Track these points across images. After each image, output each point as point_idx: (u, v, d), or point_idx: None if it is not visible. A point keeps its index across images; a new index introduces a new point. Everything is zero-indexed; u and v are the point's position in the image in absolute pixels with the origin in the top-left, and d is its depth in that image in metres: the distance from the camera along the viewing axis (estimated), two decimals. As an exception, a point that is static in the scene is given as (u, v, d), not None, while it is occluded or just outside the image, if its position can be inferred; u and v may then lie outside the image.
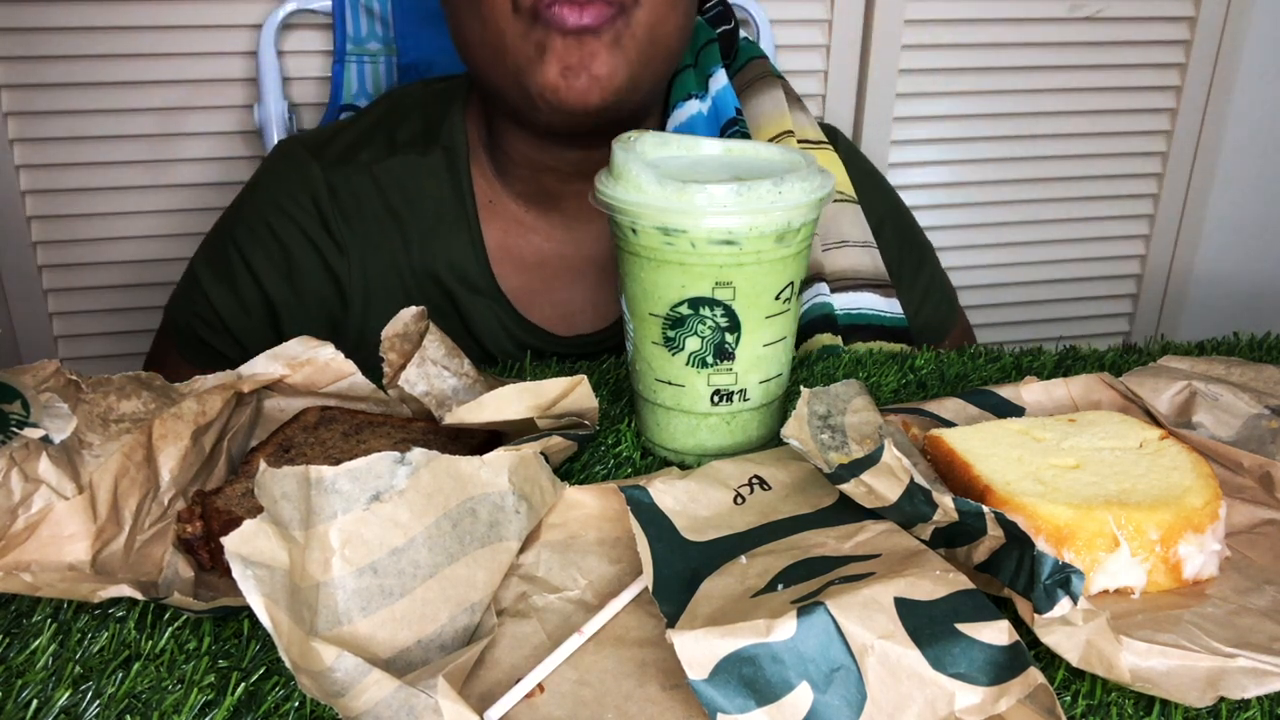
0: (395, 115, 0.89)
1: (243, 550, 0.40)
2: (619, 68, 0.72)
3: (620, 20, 0.72)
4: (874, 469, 0.49)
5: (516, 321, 0.87)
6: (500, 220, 0.87)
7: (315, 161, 0.86)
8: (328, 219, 0.85)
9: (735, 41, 0.97)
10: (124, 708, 0.43)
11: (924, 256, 1.00)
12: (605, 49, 0.71)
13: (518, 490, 0.49)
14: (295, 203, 0.86)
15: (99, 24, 1.20)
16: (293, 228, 0.86)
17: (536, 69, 0.72)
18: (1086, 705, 0.44)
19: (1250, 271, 1.66)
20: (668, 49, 0.77)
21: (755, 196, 0.55)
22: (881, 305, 0.91)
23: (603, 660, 0.45)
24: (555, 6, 0.70)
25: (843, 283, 0.90)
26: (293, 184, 0.86)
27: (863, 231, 0.92)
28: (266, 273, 0.86)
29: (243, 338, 0.86)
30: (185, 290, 0.89)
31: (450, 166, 0.86)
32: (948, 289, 1.02)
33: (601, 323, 0.89)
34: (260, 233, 0.86)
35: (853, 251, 0.91)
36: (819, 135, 0.94)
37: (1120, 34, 1.46)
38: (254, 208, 0.88)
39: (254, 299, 0.86)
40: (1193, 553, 0.48)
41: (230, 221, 0.89)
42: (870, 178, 0.98)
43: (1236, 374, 0.64)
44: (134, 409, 0.57)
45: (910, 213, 1.02)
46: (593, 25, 0.70)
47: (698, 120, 0.89)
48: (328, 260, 0.86)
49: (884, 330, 0.90)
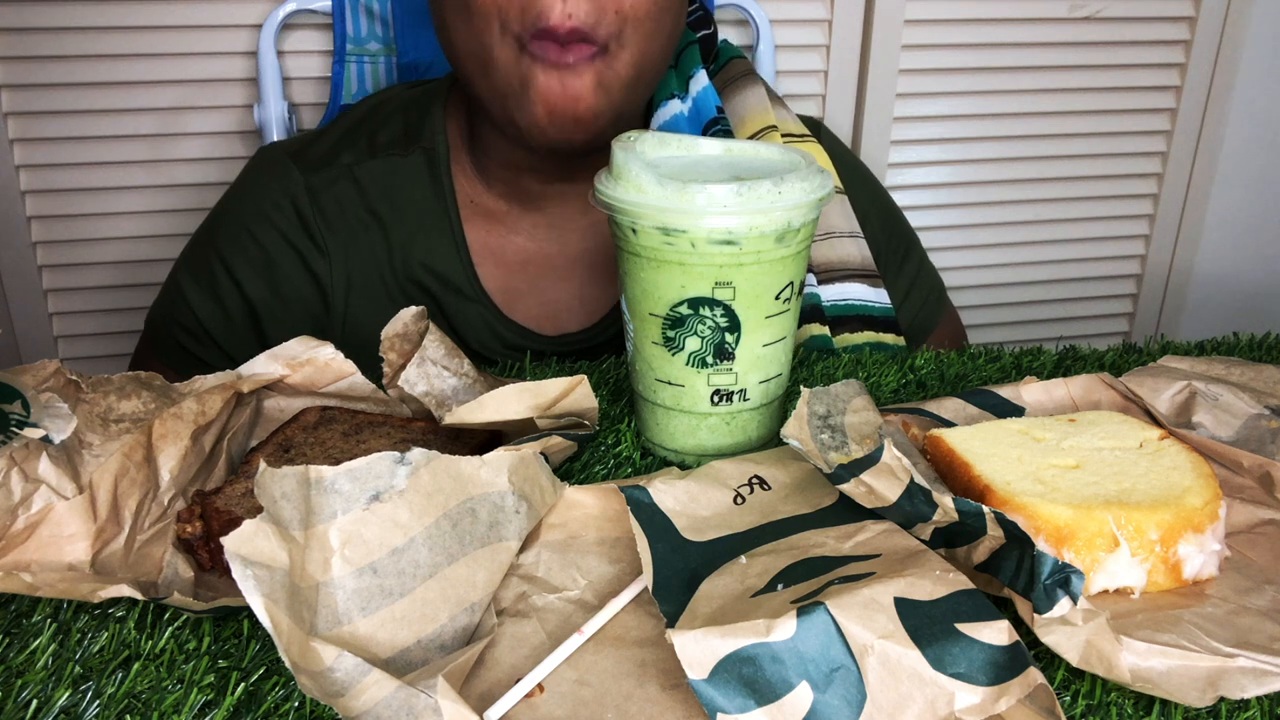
0: (375, 118, 0.90)
1: (242, 550, 0.41)
2: (603, 109, 0.74)
3: (601, 61, 0.72)
4: (874, 469, 0.49)
5: (501, 321, 0.87)
6: (482, 220, 0.87)
7: (295, 166, 0.87)
8: (308, 222, 0.86)
9: (715, 45, 0.99)
10: (124, 708, 0.43)
11: (910, 249, 1.00)
12: (589, 92, 0.72)
13: (518, 490, 0.49)
14: (276, 207, 0.86)
15: (99, 24, 1.20)
16: (273, 232, 0.86)
17: (523, 105, 0.73)
18: (1086, 705, 0.44)
19: (1250, 271, 1.66)
20: (652, 77, 0.78)
21: (755, 196, 0.55)
22: (869, 295, 0.91)
23: (603, 660, 0.45)
24: (539, 42, 0.70)
25: (831, 273, 0.91)
26: (273, 189, 0.87)
27: (849, 222, 0.93)
28: (248, 278, 0.86)
29: (226, 344, 0.86)
30: (167, 298, 0.90)
31: (431, 167, 0.86)
32: (934, 281, 1.02)
33: (587, 321, 0.89)
34: (241, 238, 0.86)
35: (840, 242, 0.92)
36: (801, 129, 0.95)
37: (1120, 34, 1.46)
38: (235, 214, 0.88)
39: (236, 305, 0.86)
40: (1193, 553, 0.48)
41: (211, 228, 0.89)
42: (855, 170, 0.99)
43: (1236, 374, 0.64)
44: (134, 409, 0.57)
45: (896, 205, 1.02)
46: (575, 64, 0.71)
47: (679, 120, 0.89)
48: (309, 263, 0.86)
49: (872, 320, 0.91)
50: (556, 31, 0.70)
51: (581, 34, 0.70)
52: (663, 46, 0.77)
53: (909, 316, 0.98)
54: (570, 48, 0.71)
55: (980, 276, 1.57)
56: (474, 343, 0.87)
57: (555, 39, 0.70)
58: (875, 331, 0.90)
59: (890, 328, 0.91)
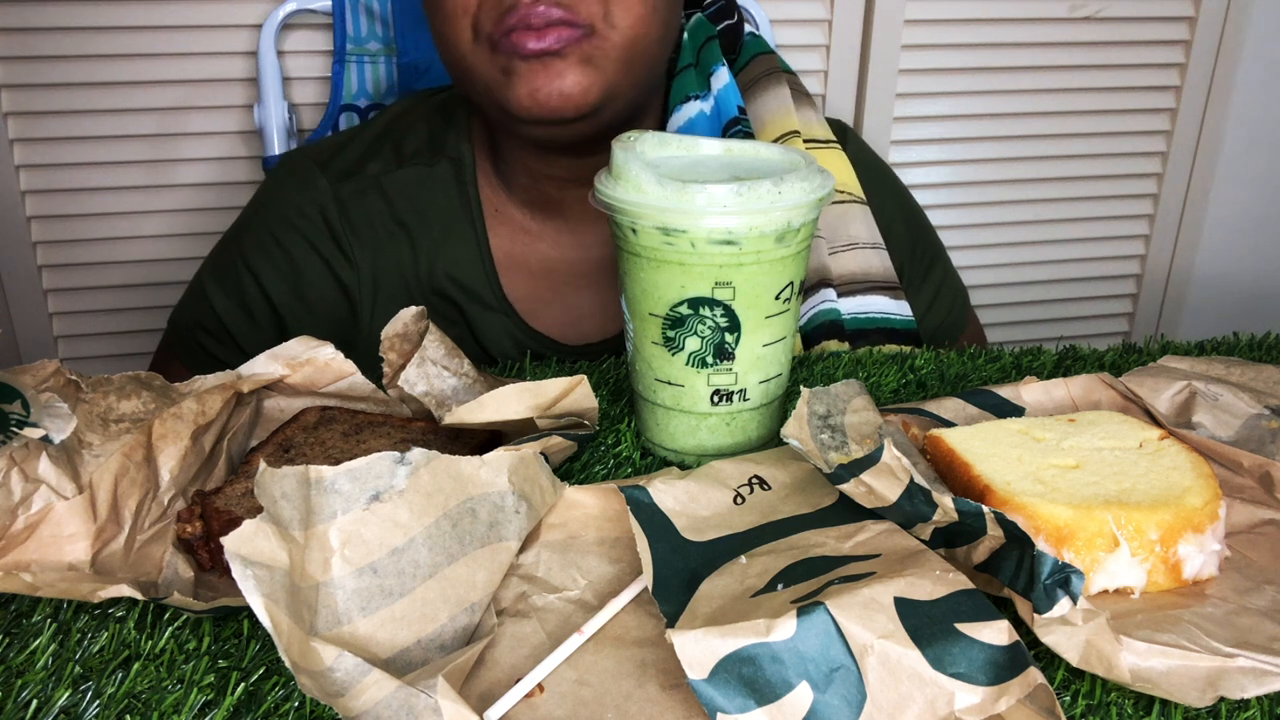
0: (400, 127, 0.89)
1: (242, 550, 0.41)
2: (592, 84, 0.72)
3: (589, 41, 0.71)
4: (874, 469, 0.49)
5: (523, 330, 0.87)
6: (507, 229, 0.87)
7: (322, 175, 0.86)
8: (336, 232, 0.86)
9: (739, 37, 0.95)
10: (124, 708, 0.43)
11: (935, 257, 0.98)
12: (574, 67, 0.71)
13: (518, 490, 0.49)
14: (303, 216, 0.86)
15: (99, 24, 1.20)
16: (301, 242, 0.86)
17: (507, 91, 0.72)
18: (1086, 705, 0.44)
19: (1250, 271, 1.66)
20: (649, 57, 0.76)
21: (755, 196, 0.55)
22: (891, 308, 0.89)
23: (602, 660, 0.45)
24: (513, 35, 0.70)
25: (852, 286, 0.89)
26: (300, 198, 0.86)
27: (871, 233, 0.90)
28: (274, 283, 0.86)
29: (248, 347, 0.86)
30: (191, 302, 0.89)
31: (457, 177, 0.86)
32: (959, 290, 1.00)
33: (611, 330, 0.88)
34: (268, 247, 0.86)
35: (862, 254, 0.90)
36: (828, 134, 0.93)
37: (1120, 34, 1.46)
38: (262, 222, 0.88)
39: (263, 313, 0.86)
40: (1192, 553, 0.48)
41: (237, 236, 0.89)
42: (882, 177, 0.97)
43: (1236, 374, 0.64)
44: (134, 409, 0.57)
45: (923, 212, 1.00)
46: (554, 48, 0.70)
47: (699, 121, 0.88)
48: (337, 273, 0.86)
49: (894, 333, 0.89)
50: (528, 18, 0.69)
51: (558, 15, 0.69)
52: (664, 20, 0.75)
53: (934, 324, 0.96)
54: (547, 32, 0.69)
55: (980, 276, 1.57)
56: (496, 352, 0.87)
57: (530, 26, 0.69)
58: (897, 345, 0.87)
59: (912, 340, 0.89)
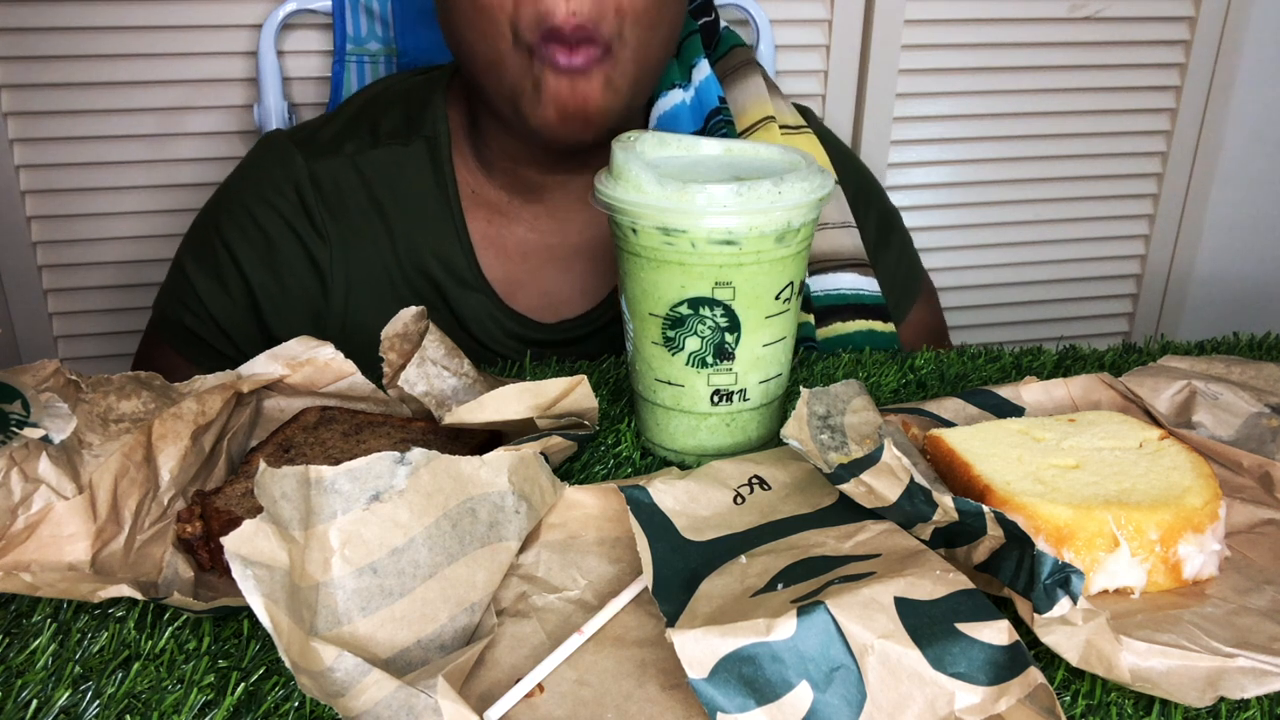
0: (376, 106, 0.90)
1: (242, 550, 0.41)
2: (613, 107, 0.76)
3: (608, 61, 0.74)
4: (874, 469, 0.49)
5: (501, 310, 0.88)
6: (484, 210, 0.88)
7: (299, 153, 0.87)
8: (311, 210, 0.86)
9: (716, 32, 0.99)
10: (124, 708, 0.43)
11: (893, 222, 1.02)
12: (598, 92, 0.74)
13: (518, 490, 0.49)
14: (279, 193, 0.86)
15: (99, 24, 1.20)
16: (276, 218, 0.86)
17: (534, 106, 0.74)
18: (1086, 705, 0.44)
19: (1250, 271, 1.66)
20: (655, 68, 0.80)
21: (755, 196, 0.55)
22: (861, 284, 0.93)
23: (602, 660, 0.45)
24: (548, 45, 0.72)
25: (824, 265, 0.92)
26: (276, 175, 0.87)
27: (842, 212, 0.94)
28: (250, 262, 0.86)
29: (228, 328, 0.87)
30: (172, 282, 0.90)
31: (433, 157, 0.87)
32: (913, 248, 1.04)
33: (587, 304, 0.90)
34: (244, 222, 0.87)
35: (833, 233, 0.93)
36: (798, 120, 0.96)
37: (1120, 34, 1.46)
38: (238, 198, 0.88)
39: (238, 288, 0.87)
40: (1192, 553, 0.48)
41: (214, 212, 0.90)
42: (844, 156, 1.00)
43: (1236, 372, 0.64)
44: (134, 409, 0.57)
45: (877, 181, 1.05)
46: (583, 67, 0.72)
47: (681, 110, 0.90)
48: (311, 251, 0.86)
49: (864, 308, 0.92)
50: (562, 31, 0.71)
51: (586, 32, 0.71)
52: (664, 40, 0.78)
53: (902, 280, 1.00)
54: (578, 50, 0.72)
55: (981, 276, 1.57)
56: (476, 331, 0.88)
57: (562, 40, 0.71)
58: (867, 320, 0.91)
59: (880, 315, 0.92)
